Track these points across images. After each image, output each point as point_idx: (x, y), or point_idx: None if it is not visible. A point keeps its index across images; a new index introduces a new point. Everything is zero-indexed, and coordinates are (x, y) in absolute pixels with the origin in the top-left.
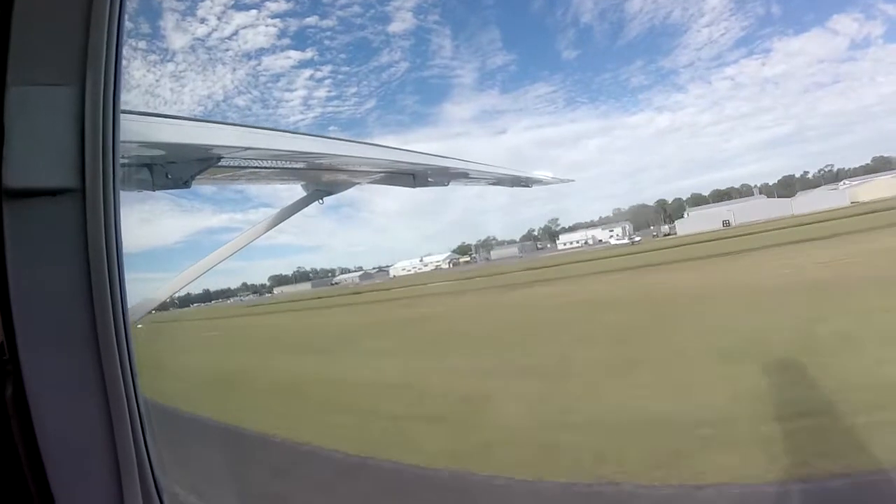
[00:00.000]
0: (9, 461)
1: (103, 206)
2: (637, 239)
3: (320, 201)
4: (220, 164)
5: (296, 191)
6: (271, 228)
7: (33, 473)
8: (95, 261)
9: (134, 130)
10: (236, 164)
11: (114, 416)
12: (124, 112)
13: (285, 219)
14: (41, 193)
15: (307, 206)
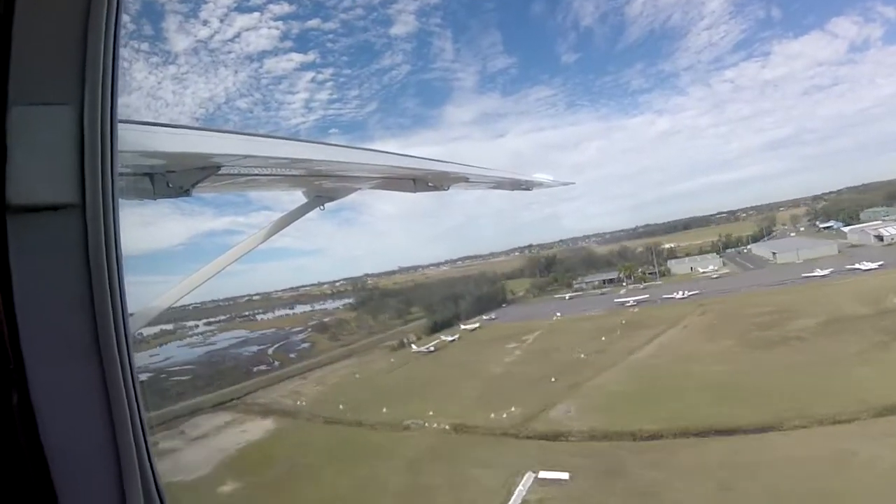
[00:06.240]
0: (14, 468)
1: (103, 220)
2: None
3: (321, 207)
4: (220, 172)
5: (296, 195)
6: (272, 235)
7: (38, 480)
8: (97, 272)
9: (134, 140)
10: (236, 171)
11: (116, 424)
12: (123, 122)
13: (286, 225)
14: (43, 209)
15: (308, 212)
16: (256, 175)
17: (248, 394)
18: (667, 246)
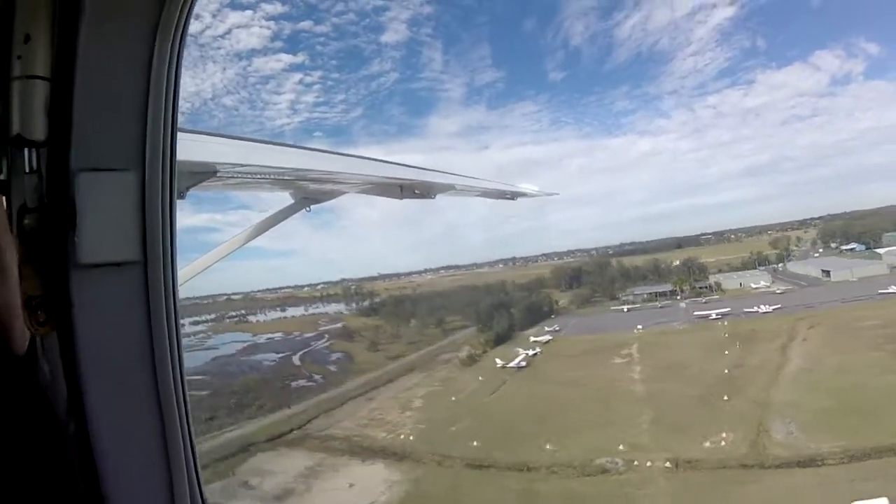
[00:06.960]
0: (70, 495)
1: (163, 275)
2: None
3: (307, 209)
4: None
5: (280, 196)
6: (258, 235)
7: None
8: (156, 323)
9: None
10: (229, 175)
11: (173, 472)
12: None
13: (272, 226)
14: (108, 265)
15: (294, 213)
16: (249, 180)
17: (310, 421)
18: (705, 261)
